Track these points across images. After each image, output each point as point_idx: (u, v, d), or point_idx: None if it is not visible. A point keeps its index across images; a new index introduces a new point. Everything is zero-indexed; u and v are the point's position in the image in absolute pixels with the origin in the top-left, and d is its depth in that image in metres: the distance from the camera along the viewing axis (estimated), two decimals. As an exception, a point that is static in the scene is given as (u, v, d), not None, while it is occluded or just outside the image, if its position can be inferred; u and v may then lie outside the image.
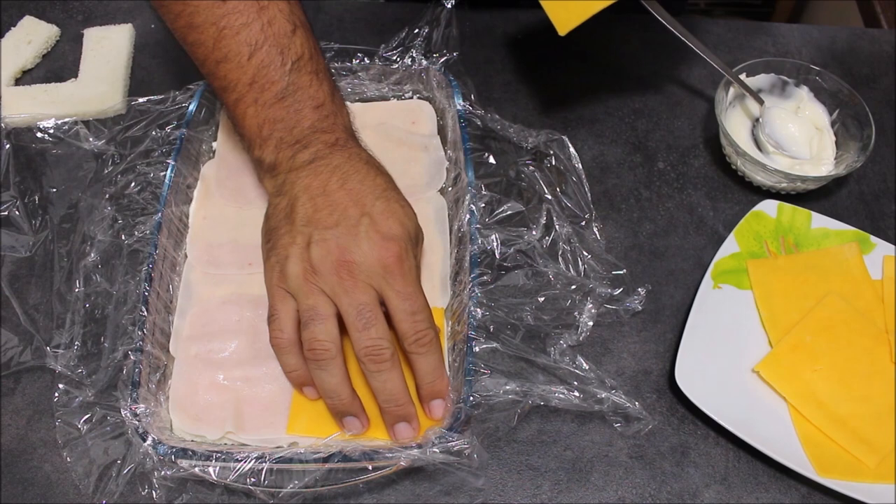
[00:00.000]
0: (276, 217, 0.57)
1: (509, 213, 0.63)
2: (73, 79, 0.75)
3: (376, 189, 0.56)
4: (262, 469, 0.51)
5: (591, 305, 0.62)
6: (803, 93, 0.74)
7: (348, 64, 0.72)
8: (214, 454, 0.51)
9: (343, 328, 0.54)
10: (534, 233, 0.63)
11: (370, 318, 0.52)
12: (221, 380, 0.58)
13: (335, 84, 0.62)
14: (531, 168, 0.68)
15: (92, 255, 0.62)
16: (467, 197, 0.62)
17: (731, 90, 0.73)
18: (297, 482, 0.52)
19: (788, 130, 0.72)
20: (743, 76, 0.74)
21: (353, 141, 0.60)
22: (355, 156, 0.58)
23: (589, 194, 0.68)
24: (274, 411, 0.56)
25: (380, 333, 0.52)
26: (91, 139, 0.69)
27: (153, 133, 0.68)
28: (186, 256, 0.64)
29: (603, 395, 0.57)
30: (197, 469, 0.52)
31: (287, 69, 0.58)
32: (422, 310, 0.54)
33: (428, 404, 0.55)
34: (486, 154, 0.68)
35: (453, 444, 0.51)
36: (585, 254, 0.64)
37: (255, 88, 0.58)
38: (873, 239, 0.67)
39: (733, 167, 0.73)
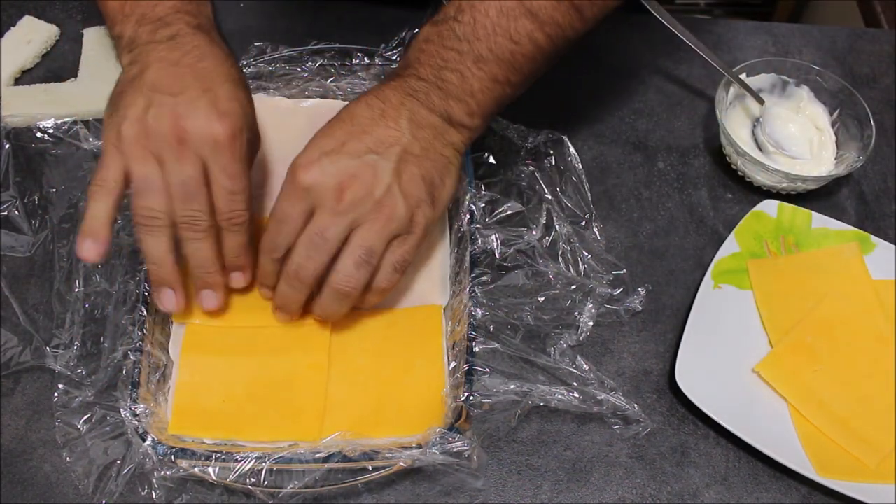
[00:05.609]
0: (123, 83, 0.57)
1: (509, 213, 0.63)
2: (73, 79, 0.75)
3: (231, 76, 0.57)
4: (262, 469, 0.51)
5: (591, 305, 0.62)
6: (803, 93, 0.74)
7: (348, 64, 0.71)
8: (214, 454, 0.51)
9: None
10: (534, 233, 0.63)
11: (193, 192, 0.53)
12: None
13: None
14: (531, 168, 0.68)
15: (92, 255, 0.62)
16: (467, 197, 0.62)
17: (732, 90, 0.73)
18: (296, 482, 0.52)
19: (788, 130, 0.72)
20: (743, 76, 0.74)
21: (217, 32, 0.60)
22: (217, 44, 0.58)
23: (589, 194, 0.68)
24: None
25: (200, 207, 0.54)
26: (91, 139, 0.68)
27: (153, 133, 0.68)
28: (186, 256, 0.64)
29: (602, 397, 0.57)
30: (197, 469, 0.52)
31: None
32: (242, 191, 0.55)
33: (230, 275, 0.58)
34: (486, 154, 0.68)
35: (453, 444, 0.51)
36: (585, 254, 0.64)
37: None
38: (873, 239, 0.67)
39: (733, 167, 0.73)
